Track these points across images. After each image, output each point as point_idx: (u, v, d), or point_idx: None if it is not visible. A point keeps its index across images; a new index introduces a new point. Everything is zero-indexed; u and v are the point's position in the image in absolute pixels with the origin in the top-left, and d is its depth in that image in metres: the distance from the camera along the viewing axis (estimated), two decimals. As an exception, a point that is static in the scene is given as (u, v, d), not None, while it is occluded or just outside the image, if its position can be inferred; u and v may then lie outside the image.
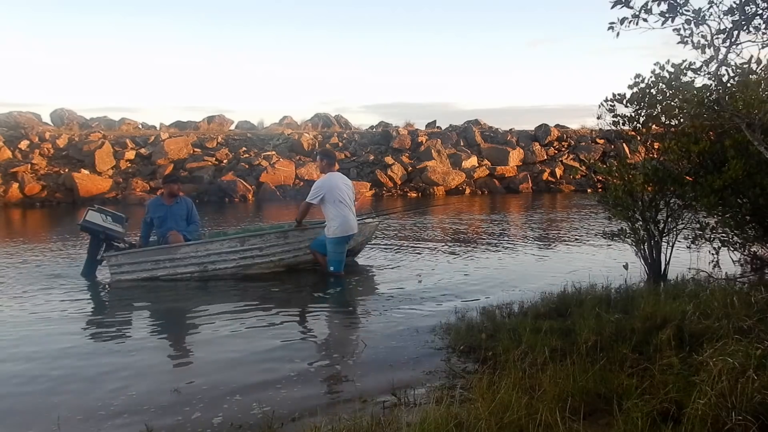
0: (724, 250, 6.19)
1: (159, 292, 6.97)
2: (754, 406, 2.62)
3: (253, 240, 7.62)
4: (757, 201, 5.37)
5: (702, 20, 4.35)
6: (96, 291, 7.25)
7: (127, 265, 7.42)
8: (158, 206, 7.87)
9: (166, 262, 7.45)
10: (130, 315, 6.24)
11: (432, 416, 2.79)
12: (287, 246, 7.70)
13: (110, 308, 6.69)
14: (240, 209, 17.47)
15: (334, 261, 7.34)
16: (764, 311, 3.90)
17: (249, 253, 7.59)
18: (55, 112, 25.08)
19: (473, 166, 23.14)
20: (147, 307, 6.60)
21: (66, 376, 4.23)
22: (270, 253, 7.64)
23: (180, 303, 6.62)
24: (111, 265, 7.42)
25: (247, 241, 7.61)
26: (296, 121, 27.81)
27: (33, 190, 18.94)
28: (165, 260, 7.46)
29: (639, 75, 5.85)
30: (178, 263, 7.45)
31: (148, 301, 6.76)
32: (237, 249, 7.57)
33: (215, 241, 7.67)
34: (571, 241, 10.38)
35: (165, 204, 7.84)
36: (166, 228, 7.73)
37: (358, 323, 5.73)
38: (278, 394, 3.81)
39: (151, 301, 6.75)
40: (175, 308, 6.49)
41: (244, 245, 7.58)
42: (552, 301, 5.25)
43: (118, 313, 6.33)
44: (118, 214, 8.05)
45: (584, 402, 3.02)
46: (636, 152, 6.46)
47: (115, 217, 7.87)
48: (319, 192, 7.18)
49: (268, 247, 7.62)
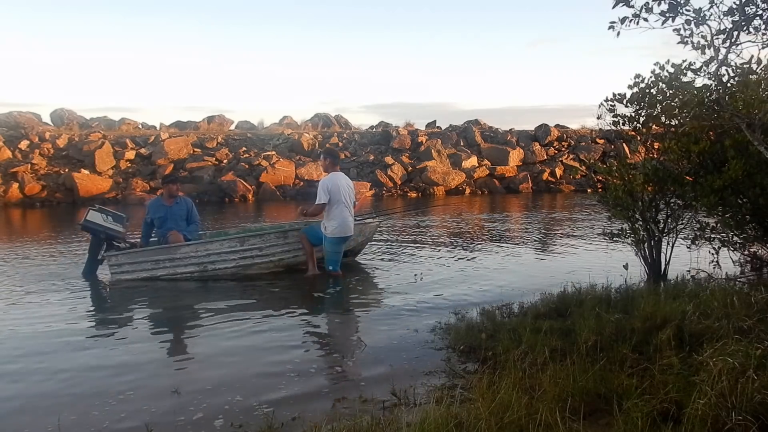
0: (724, 250, 6.19)
1: (158, 292, 6.97)
2: (754, 406, 2.62)
3: (253, 240, 7.62)
4: (757, 201, 5.37)
5: (702, 20, 4.35)
6: (96, 291, 7.25)
7: (127, 264, 7.42)
8: (158, 207, 7.88)
9: (166, 262, 7.45)
10: (128, 315, 6.23)
11: (432, 416, 2.79)
12: (287, 246, 7.69)
13: (109, 308, 6.69)
14: (240, 209, 17.46)
15: (332, 261, 7.36)
16: (764, 311, 3.91)
17: (249, 253, 7.58)
18: (55, 112, 25.08)
19: (473, 166, 23.15)
20: (146, 307, 6.59)
21: (66, 376, 4.22)
22: (270, 253, 7.64)
23: (178, 303, 6.62)
24: (111, 264, 7.43)
25: (247, 241, 7.60)
26: (296, 121, 27.81)
27: (33, 190, 18.94)
28: (165, 260, 7.46)
29: (639, 75, 5.85)
30: (178, 263, 7.45)
31: (147, 301, 6.75)
32: (237, 249, 7.56)
33: (215, 241, 7.67)
34: (571, 241, 10.38)
35: (165, 204, 7.85)
36: (166, 228, 7.74)
37: (357, 323, 5.73)
38: (278, 394, 3.81)
39: (150, 301, 6.75)
40: (174, 309, 6.49)
41: (244, 245, 7.58)
42: (552, 301, 5.25)
43: (116, 313, 6.32)
44: (119, 213, 8.06)
45: (584, 402, 3.02)
46: (636, 152, 6.47)
47: (115, 216, 7.88)
48: (328, 191, 7.16)
49: (267, 247, 7.62)
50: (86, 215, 7.62)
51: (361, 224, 8.14)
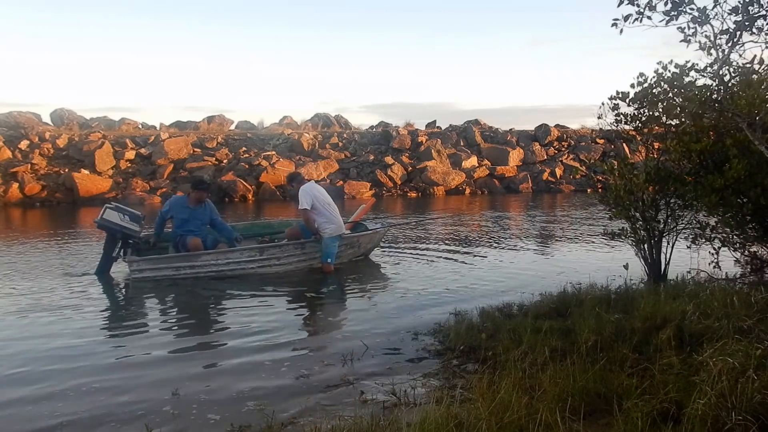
0: (725, 250, 6.18)
1: (159, 292, 6.97)
2: (754, 406, 2.61)
3: (272, 250, 7.81)
4: (758, 201, 5.35)
5: (705, 20, 4.34)
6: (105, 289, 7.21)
7: (148, 270, 7.45)
8: (182, 207, 7.88)
9: (187, 268, 7.52)
10: (129, 315, 6.23)
11: (432, 416, 2.79)
12: (303, 256, 7.94)
13: (114, 308, 6.65)
14: (240, 209, 17.46)
15: (330, 254, 7.75)
16: (764, 311, 3.90)
17: (267, 262, 7.77)
18: (55, 112, 25.06)
19: (473, 166, 23.15)
20: (148, 307, 6.59)
21: (66, 376, 4.22)
22: (287, 262, 7.86)
23: (177, 304, 6.62)
24: (133, 270, 7.40)
25: (266, 251, 7.78)
26: (296, 121, 27.80)
27: (33, 190, 18.93)
28: (186, 266, 7.52)
29: (642, 74, 5.83)
30: (198, 270, 7.54)
31: (151, 301, 6.75)
32: (256, 258, 7.71)
33: (236, 250, 7.79)
34: (571, 241, 10.38)
35: (189, 207, 7.87)
36: (186, 230, 7.77)
37: (358, 324, 5.71)
38: (278, 395, 3.81)
39: (153, 301, 6.75)
40: (173, 309, 6.50)
41: (263, 254, 7.75)
42: (552, 301, 5.25)
43: (119, 314, 6.32)
44: (136, 212, 8.07)
45: (584, 402, 3.02)
46: (636, 152, 6.46)
47: (132, 216, 7.88)
48: (308, 196, 7.64)
49: (285, 256, 7.84)
50: (103, 213, 7.57)
51: (372, 233, 8.67)
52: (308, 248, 7.90)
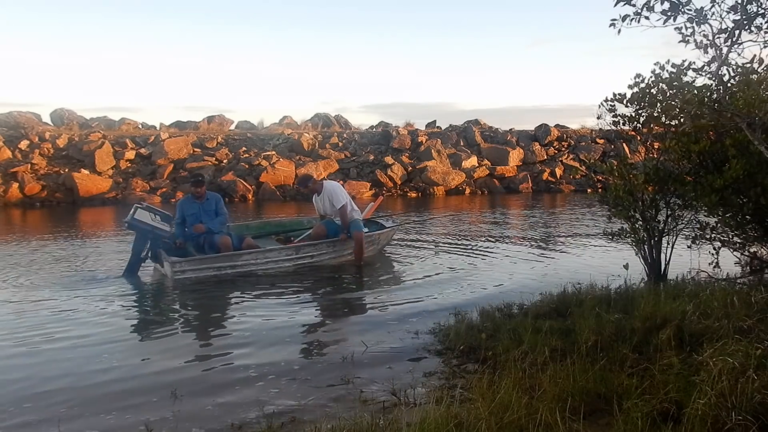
0: (725, 250, 6.18)
1: (160, 292, 6.97)
2: (754, 406, 2.62)
3: (307, 249, 8.21)
4: (758, 201, 5.36)
5: (703, 19, 4.34)
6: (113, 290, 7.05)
7: (190, 270, 7.45)
8: (191, 205, 8.05)
9: (228, 269, 7.61)
10: (130, 315, 6.23)
11: (432, 416, 2.79)
12: (334, 253, 8.39)
13: (119, 308, 6.62)
14: (240, 209, 17.45)
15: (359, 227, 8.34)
16: (764, 311, 3.90)
17: (301, 260, 8.11)
18: (55, 112, 25.04)
19: (473, 166, 23.14)
20: (150, 308, 6.59)
21: (66, 376, 4.22)
22: (319, 260, 8.24)
23: (177, 304, 6.62)
24: (175, 271, 7.33)
25: (302, 250, 8.16)
26: (296, 121, 27.77)
27: (33, 190, 18.92)
28: (227, 266, 7.62)
29: (639, 75, 5.84)
30: (238, 269, 7.66)
31: (154, 301, 6.76)
32: (292, 257, 8.07)
33: (274, 250, 8.08)
34: (571, 241, 10.38)
35: (197, 202, 8.05)
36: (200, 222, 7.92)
37: (357, 324, 5.72)
38: (278, 395, 3.81)
39: (156, 301, 6.75)
40: (173, 309, 6.49)
41: (299, 253, 8.12)
42: (552, 301, 5.25)
43: (122, 314, 6.30)
44: (166, 212, 8.12)
45: (584, 402, 3.02)
46: (636, 152, 6.46)
47: (163, 216, 7.92)
48: (344, 191, 8.41)
49: (318, 254, 8.25)
50: (133, 213, 7.52)
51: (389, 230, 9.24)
52: (339, 246, 8.39)
